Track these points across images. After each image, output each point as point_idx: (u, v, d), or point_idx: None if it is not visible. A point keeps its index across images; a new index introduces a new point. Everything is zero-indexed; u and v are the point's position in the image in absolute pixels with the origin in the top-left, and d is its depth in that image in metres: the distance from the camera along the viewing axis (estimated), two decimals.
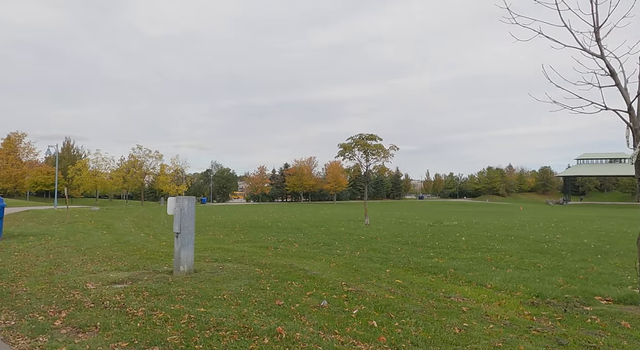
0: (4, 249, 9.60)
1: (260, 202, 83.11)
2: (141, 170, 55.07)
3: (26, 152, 61.56)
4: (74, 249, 9.92)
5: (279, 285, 6.07)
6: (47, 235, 12.54)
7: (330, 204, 77.12)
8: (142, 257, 8.79)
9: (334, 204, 75.47)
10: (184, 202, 6.99)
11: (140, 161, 54.92)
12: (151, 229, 15.45)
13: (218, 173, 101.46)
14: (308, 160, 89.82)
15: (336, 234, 13.44)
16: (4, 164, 57.66)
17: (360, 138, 16.89)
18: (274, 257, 8.80)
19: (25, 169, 58.46)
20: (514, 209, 54.68)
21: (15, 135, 61.20)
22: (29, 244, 10.60)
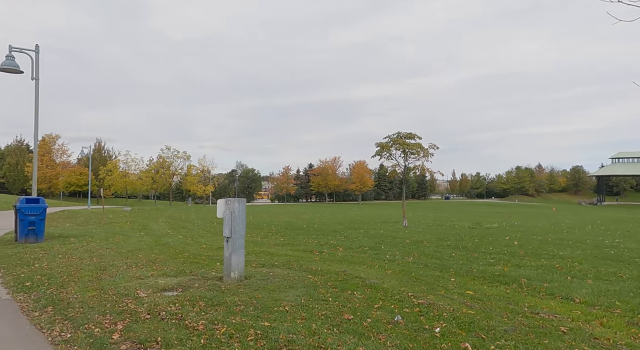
0: (48, 251, 9.51)
1: (285, 203, 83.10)
2: (169, 171, 55.83)
3: (60, 154, 63.39)
4: (115, 251, 9.74)
5: (340, 295, 5.61)
6: (87, 236, 12.49)
7: (355, 204, 76.43)
8: (185, 261, 8.51)
9: (360, 204, 74.76)
10: (234, 205, 6.62)
11: (169, 162, 55.69)
12: (187, 231, 15.29)
13: (243, 173, 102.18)
14: (333, 161, 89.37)
15: (378, 237, 12.91)
16: (39, 165, 59.49)
17: (398, 136, 16.28)
18: (322, 263, 8.36)
19: (59, 170, 60.15)
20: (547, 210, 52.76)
21: (49, 137, 63.07)
22: (71, 245, 10.51)
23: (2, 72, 11.25)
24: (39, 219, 11.10)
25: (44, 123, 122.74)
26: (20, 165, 62.95)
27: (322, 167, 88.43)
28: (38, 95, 11.68)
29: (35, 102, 11.69)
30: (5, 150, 68.27)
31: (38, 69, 11.63)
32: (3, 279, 6.92)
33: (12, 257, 8.81)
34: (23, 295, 5.87)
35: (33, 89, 11.41)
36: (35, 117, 11.72)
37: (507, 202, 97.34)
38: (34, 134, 11.79)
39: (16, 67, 11.23)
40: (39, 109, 11.73)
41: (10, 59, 11.21)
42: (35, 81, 11.61)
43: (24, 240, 10.91)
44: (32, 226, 10.97)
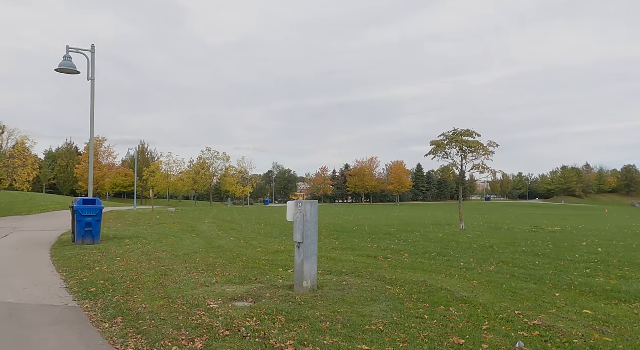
0: (105, 254, 9.33)
1: (322, 203, 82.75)
2: (209, 172, 56.66)
3: (106, 156, 65.75)
4: (172, 254, 9.45)
5: (434, 311, 4.92)
6: (141, 238, 12.36)
7: (394, 205, 74.95)
8: (246, 266, 8.05)
9: (399, 205, 73.25)
10: (306, 207, 6.05)
11: (209, 163, 56.54)
12: (237, 233, 14.98)
13: (279, 174, 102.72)
14: (370, 161, 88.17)
15: (439, 242, 12.07)
16: (87, 167, 61.96)
17: (455, 134, 15.31)
18: (393, 270, 7.67)
19: (106, 172, 62.39)
20: (599, 212, 49.65)
21: (96, 140, 65.62)
22: (127, 247, 10.33)
23: (60, 72, 11.26)
24: (96, 220, 11.02)
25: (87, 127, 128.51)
26: (70, 167, 65.81)
27: (358, 167, 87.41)
28: (94, 96, 11.64)
29: (91, 103, 11.65)
30: (57, 153, 71.67)
31: (94, 69, 11.59)
32: (67, 284, 6.68)
33: (72, 260, 8.66)
34: (89, 302, 5.54)
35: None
36: (91, 117, 11.69)
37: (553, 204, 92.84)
38: (90, 134, 11.75)
39: (73, 68, 11.21)
40: (94, 109, 11.68)
41: (67, 60, 11.20)
42: (91, 81, 11.57)
43: (81, 241, 10.85)
44: (89, 227, 10.90)
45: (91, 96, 11.64)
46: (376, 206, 67.28)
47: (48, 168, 66.37)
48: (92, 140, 11.74)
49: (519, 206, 70.13)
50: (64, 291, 6.21)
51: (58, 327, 4.65)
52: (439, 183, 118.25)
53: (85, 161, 61.69)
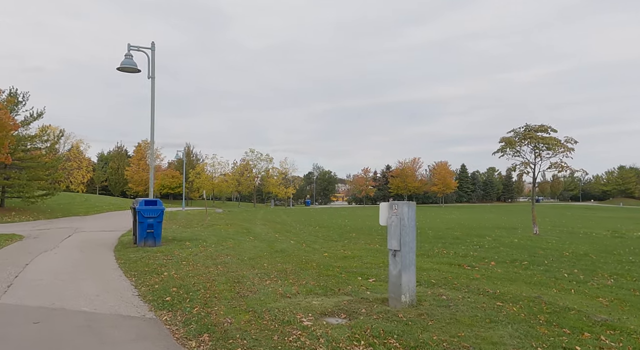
0: (170, 257, 8.95)
1: (364, 205, 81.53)
2: (253, 174, 57.03)
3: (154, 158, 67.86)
4: (236, 258, 8.94)
5: (583, 341, 3.99)
6: (199, 240, 12.03)
7: (438, 207, 72.58)
8: (320, 274, 7.37)
9: (443, 207, 70.86)
10: (402, 210, 5.27)
11: (253, 164, 56.93)
12: (294, 235, 14.40)
13: (319, 175, 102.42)
14: (412, 162, 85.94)
15: (521, 248, 10.93)
16: (136, 169, 64.11)
17: (527, 130, 14.01)
18: (490, 282, 6.74)
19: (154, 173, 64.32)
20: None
21: (144, 143, 67.80)
22: (189, 250, 9.94)
23: (122, 71, 11.09)
24: (157, 222, 10.75)
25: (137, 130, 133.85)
26: (121, 170, 68.35)
27: (400, 168, 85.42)
28: (154, 93, 11.40)
29: (151, 102, 11.42)
30: (108, 156, 74.77)
31: (154, 67, 11.35)
32: (138, 290, 6.24)
33: (138, 263, 8.32)
34: (167, 313, 5.03)
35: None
36: (151, 116, 11.46)
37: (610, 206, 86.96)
38: (151, 134, 11.52)
39: (134, 66, 11.01)
40: (154, 107, 11.45)
41: (128, 58, 11.01)
42: (152, 80, 11.34)
43: (143, 243, 10.60)
44: (150, 229, 10.64)
45: (151, 94, 11.41)
46: (420, 208, 65.31)
47: (101, 170, 69.28)
48: (153, 138, 11.51)
49: (574, 208, 65.95)
50: (138, 299, 5.76)
51: (141, 344, 4.12)
52: (484, 184, 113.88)
53: (135, 163, 63.83)
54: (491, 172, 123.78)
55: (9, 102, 22.33)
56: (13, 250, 10.15)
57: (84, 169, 60.55)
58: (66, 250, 10.35)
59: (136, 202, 11.52)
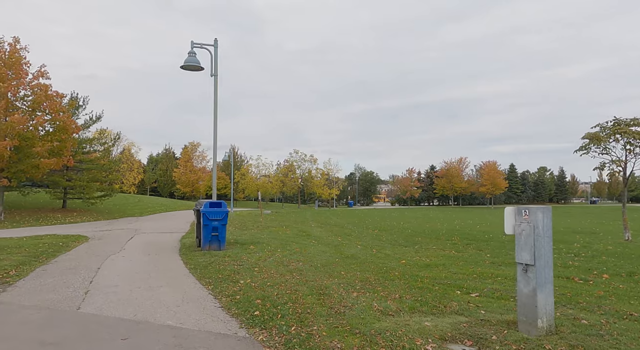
0: (239, 262, 8.46)
1: (408, 206, 79.58)
2: (296, 175, 56.96)
3: (200, 160, 69.39)
4: (309, 265, 8.32)
5: None
6: (261, 243, 11.55)
7: (487, 208, 69.49)
8: (410, 286, 6.60)
9: (493, 208, 67.72)
10: (536, 216, 4.39)
11: (297, 165, 56.87)
12: (357, 239, 13.66)
13: (361, 176, 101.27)
14: (458, 161, 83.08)
15: (624, 257, 9.63)
16: (184, 170, 65.77)
17: (617, 124, 12.52)
18: (622, 301, 5.73)
19: (200, 175, 65.69)
20: None
21: (191, 144, 69.52)
22: (257, 255, 9.44)
23: (186, 70, 10.80)
24: (222, 225, 10.36)
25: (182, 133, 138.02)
26: (169, 171, 70.46)
27: (446, 168, 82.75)
28: (217, 91, 11.04)
29: (214, 99, 11.06)
30: (157, 158, 77.36)
31: (217, 64, 10.98)
32: (219, 301, 5.72)
33: (208, 269, 7.87)
34: (262, 332, 4.43)
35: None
36: (214, 113, 11.10)
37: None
38: (214, 132, 11.16)
39: (197, 64, 10.69)
40: (217, 105, 11.09)
41: (192, 55, 10.69)
42: (214, 77, 10.98)
43: (208, 247, 10.23)
44: (215, 232, 10.26)
45: (214, 92, 11.06)
46: (469, 209, 62.74)
47: (151, 172, 71.74)
48: (216, 138, 11.14)
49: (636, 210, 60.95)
50: (223, 313, 5.22)
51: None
52: (535, 184, 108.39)
53: (183, 165, 65.45)
54: (542, 171, 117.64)
55: (70, 106, 23.09)
56: (82, 253, 10.06)
57: (134, 171, 62.81)
58: (132, 253, 10.15)
59: (199, 204, 11.21)
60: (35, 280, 7.05)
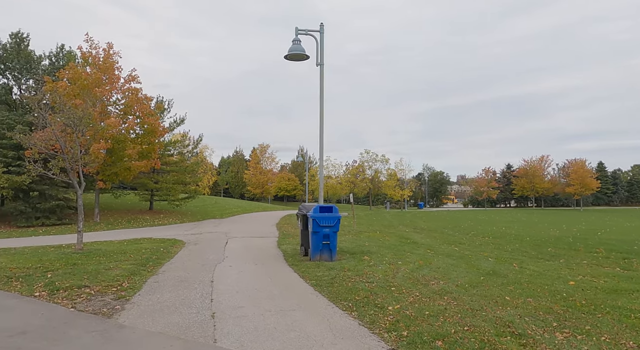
0: (365, 279, 7.17)
1: (485, 208, 74.68)
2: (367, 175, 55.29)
3: (269, 161, 70.16)
4: (452, 284, 6.84)
5: None
6: (372, 252, 10.23)
7: (574, 210, 62.99)
8: (626, 324, 4.84)
9: (582, 210, 61.25)
10: None
11: (368, 165, 55.25)
12: (475, 248, 11.87)
13: (430, 176, 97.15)
14: (540, 160, 76.61)
15: None
16: (254, 172, 66.79)
17: None
18: None
19: (270, 176, 66.37)
20: None
21: (260, 146, 70.52)
22: (378, 269, 8.10)
23: (290, 60, 9.78)
24: (333, 232, 9.16)
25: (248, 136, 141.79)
26: (240, 173, 72.12)
27: (526, 167, 76.58)
28: (323, 81, 9.93)
29: (320, 90, 9.93)
30: (228, 160, 79.69)
31: (323, 52, 9.84)
32: (382, 338, 4.42)
33: (335, 286, 6.67)
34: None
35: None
36: (320, 107, 9.96)
37: None
38: (319, 125, 10.00)
39: (302, 52, 9.61)
40: (323, 96, 9.94)
41: (296, 43, 9.62)
42: (320, 67, 9.84)
43: (319, 257, 9.08)
44: (326, 240, 9.08)
45: (320, 83, 9.93)
46: (556, 212, 57.16)
47: (225, 174, 73.96)
48: (322, 132, 9.98)
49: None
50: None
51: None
52: (629, 184, 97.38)
53: (253, 167, 66.47)
54: (637, 170, 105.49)
55: (157, 109, 23.49)
56: (186, 261, 9.36)
57: (208, 173, 64.80)
58: (237, 262, 9.27)
59: (304, 208, 10.12)
60: (152, 296, 6.25)
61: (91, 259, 9.07)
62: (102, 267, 8.17)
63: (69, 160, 9.62)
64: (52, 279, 7.16)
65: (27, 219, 19.79)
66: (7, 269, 7.98)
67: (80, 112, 9.70)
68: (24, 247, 11.54)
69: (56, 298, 6.13)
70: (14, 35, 22.40)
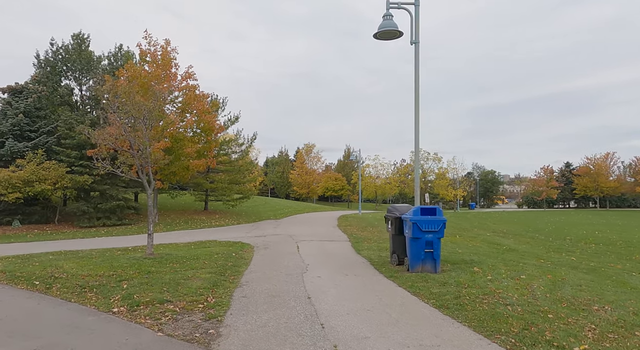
0: (496, 296, 5.73)
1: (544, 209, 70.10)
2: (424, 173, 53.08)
3: (315, 161, 69.24)
4: (623, 310, 5.26)
5: None
6: (478, 262, 8.74)
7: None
8: None
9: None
10: None
11: (420, 164, 52.99)
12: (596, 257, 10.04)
13: (481, 176, 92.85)
14: (604, 157, 70.90)
15: None
16: (300, 172, 66.11)
17: None
18: None
19: (316, 176, 65.43)
20: None
21: (306, 146, 69.74)
22: (503, 284, 6.64)
23: (380, 39, 8.48)
24: (437, 238, 7.78)
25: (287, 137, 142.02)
26: (285, 173, 71.70)
27: (588, 165, 71.10)
28: (418, 62, 8.59)
29: (415, 71, 8.60)
30: (274, 161, 79.65)
31: (418, 28, 8.45)
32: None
33: (466, 308, 5.32)
34: None
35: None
36: (415, 89, 8.61)
37: None
38: (415, 114, 8.63)
39: (394, 28, 8.29)
40: (419, 79, 8.58)
41: (388, 19, 8.31)
42: (415, 45, 8.47)
43: (420, 267, 7.72)
44: (429, 248, 7.71)
45: (415, 63, 8.58)
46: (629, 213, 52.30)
47: (272, 174, 73.95)
48: (418, 120, 8.63)
49: None
50: None
51: None
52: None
53: (299, 167, 65.81)
54: None
55: (213, 106, 22.96)
56: (265, 269, 8.29)
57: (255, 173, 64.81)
58: (322, 271, 8.08)
59: (395, 210, 8.80)
60: (246, 316, 5.15)
61: (164, 265, 8.20)
62: (179, 276, 7.23)
63: (138, 157, 8.87)
64: (128, 290, 6.27)
65: (89, 219, 19.74)
66: (78, 277, 7.22)
67: (150, 104, 8.92)
68: (91, 250, 10.97)
69: (138, 316, 5.17)
70: (76, 36, 22.62)
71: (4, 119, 20.64)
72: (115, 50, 24.06)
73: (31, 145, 20.22)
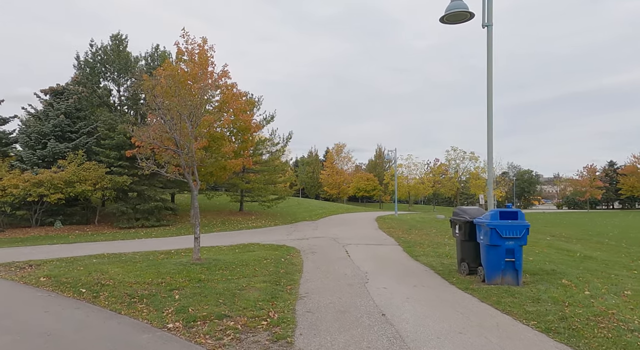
0: (612, 319, 4.80)
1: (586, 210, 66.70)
2: (455, 174, 51.39)
3: (345, 161, 68.30)
4: None
5: None
6: (562, 273, 7.70)
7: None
8: None
9: None
10: None
11: (456, 163, 51.32)
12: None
13: (517, 175, 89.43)
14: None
15: None
16: (330, 172, 65.36)
17: None
18: None
19: (346, 176, 64.51)
20: None
21: (337, 146, 68.91)
22: (609, 302, 5.66)
23: (447, 22, 7.62)
24: (519, 246, 6.85)
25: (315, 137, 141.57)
26: (315, 174, 71.08)
27: (635, 164, 67.08)
28: (491, 46, 7.68)
29: (487, 56, 7.69)
30: (304, 161, 79.23)
31: (491, 10, 7.54)
32: None
33: (586, 337, 4.42)
34: None
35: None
36: (487, 80, 7.71)
37: None
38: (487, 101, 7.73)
39: (464, 9, 7.40)
40: (492, 64, 7.67)
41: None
42: (488, 28, 7.57)
43: (500, 279, 6.81)
44: (510, 257, 6.79)
45: (487, 48, 7.68)
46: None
47: (303, 174, 73.60)
48: (491, 110, 7.73)
49: None
50: None
51: None
52: None
53: (329, 167, 65.10)
54: None
55: (249, 105, 22.53)
56: (320, 277, 7.57)
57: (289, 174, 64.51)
58: (386, 281, 7.29)
59: (464, 213, 7.92)
60: (319, 338, 4.44)
61: (214, 272, 7.62)
62: (233, 285, 6.61)
63: (184, 156, 8.36)
64: (181, 301, 5.68)
65: (128, 220, 19.65)
66: (126, 284, 6.72)
67: (197, 99, 8.40)
68: (134, 253, 10.58)
69: (196, 334, 4.55)
70: (114, 37, 22.70)
71: (46, 120, 20.86)
72: (152, 50, 24.02)
73: (72, 146, 20.33)
